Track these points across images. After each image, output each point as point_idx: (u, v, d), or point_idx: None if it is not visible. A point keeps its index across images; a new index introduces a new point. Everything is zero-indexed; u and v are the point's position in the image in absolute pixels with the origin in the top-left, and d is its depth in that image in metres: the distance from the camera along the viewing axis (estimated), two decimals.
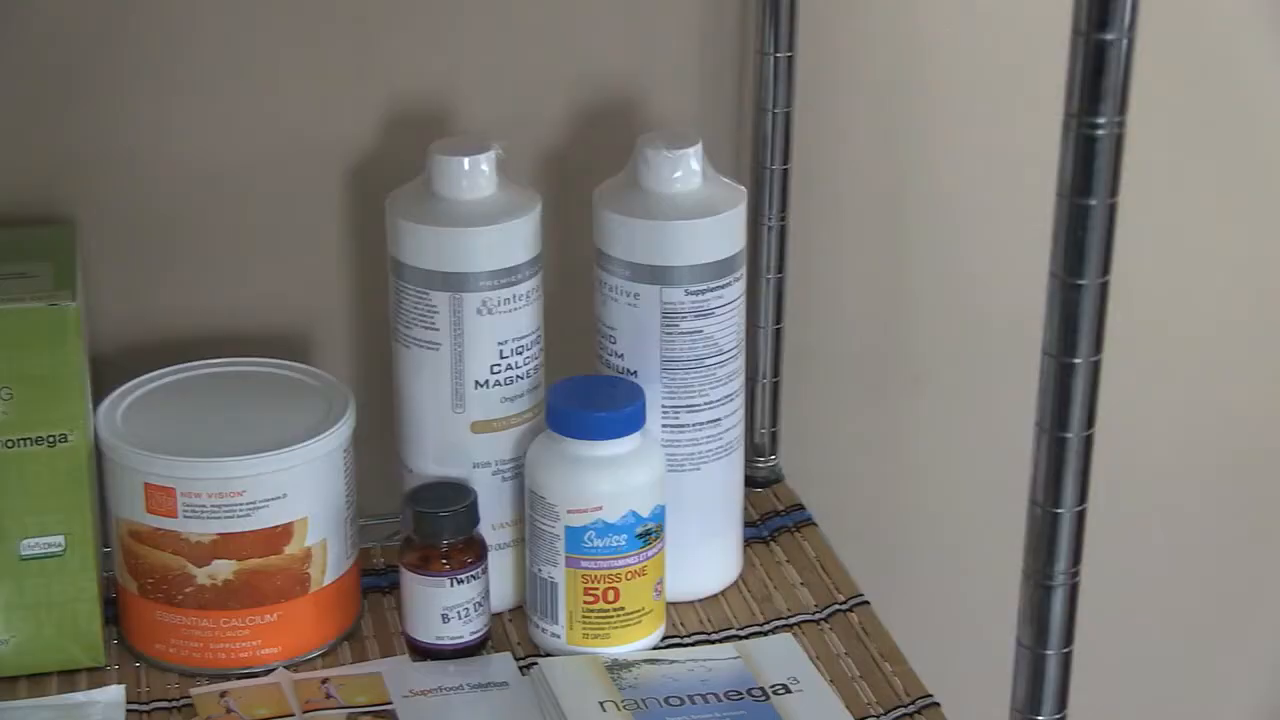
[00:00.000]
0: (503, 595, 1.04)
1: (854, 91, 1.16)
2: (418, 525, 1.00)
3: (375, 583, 1.07)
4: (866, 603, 1.07)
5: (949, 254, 1.22)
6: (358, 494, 1.02)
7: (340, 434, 1.00)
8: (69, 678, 0.99)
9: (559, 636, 1.01)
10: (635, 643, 1.01)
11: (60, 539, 0.97)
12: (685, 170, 1.01)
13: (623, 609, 1.00)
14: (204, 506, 0.97)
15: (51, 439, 0.96)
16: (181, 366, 1.05)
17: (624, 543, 0.99)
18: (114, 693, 0.98)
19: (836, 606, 1.06)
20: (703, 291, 1.01)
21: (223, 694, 0.98)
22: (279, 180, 1.09)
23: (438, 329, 1.00)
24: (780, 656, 1.01)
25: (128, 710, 0.97)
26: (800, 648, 1.02)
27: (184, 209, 1.09)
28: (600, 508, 0.98)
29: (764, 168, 1.12)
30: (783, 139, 1.12)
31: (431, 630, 1.00)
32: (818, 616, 1.06)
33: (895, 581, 1.24)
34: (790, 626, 1.05)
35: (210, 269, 1.10)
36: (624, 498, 0.99)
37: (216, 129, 1.08)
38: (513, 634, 1.04)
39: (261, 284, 1.11)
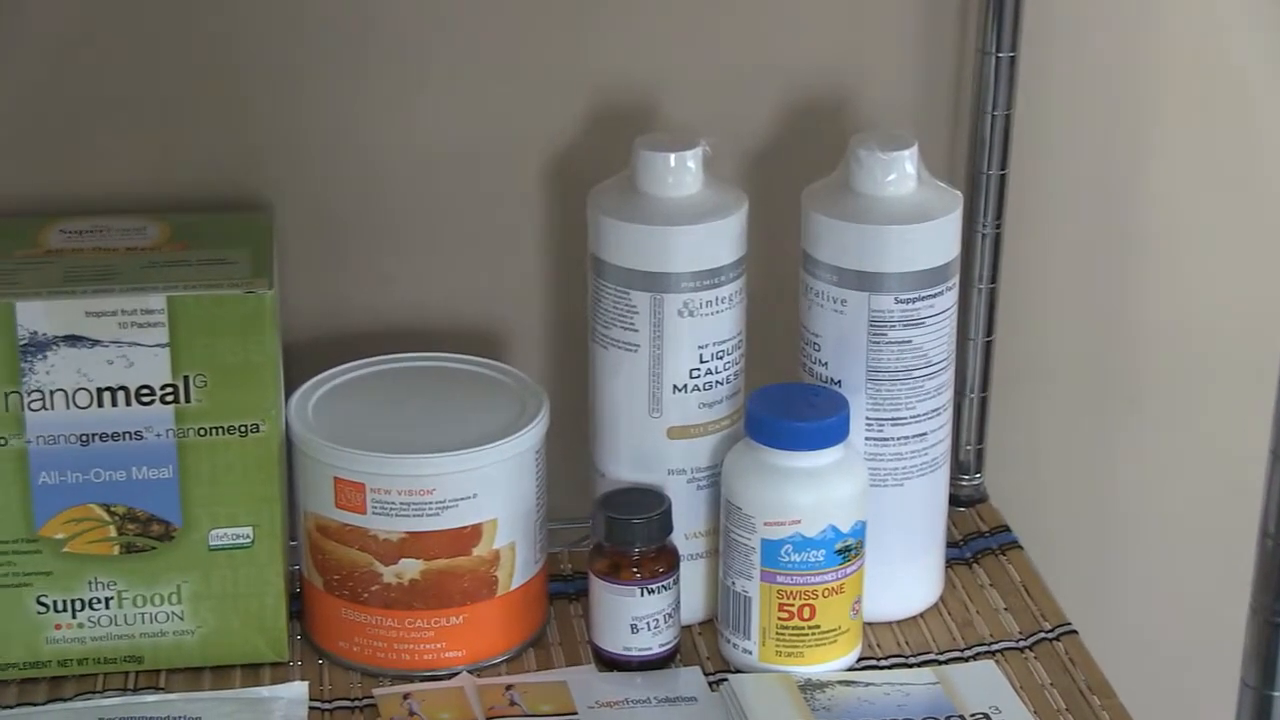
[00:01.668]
0: (693, 607, 1.02)
1: (1078, 95, 1.12)
2: (609, 531, 0.97)
3: (562, 589, 1.05)
4: (1074, 632, 1.02)
5: (1173, 269, 1.17)
6: (547, 496, 1.00)
7: (533, 434, 0.98)
8: (252, 671, 0.98)
9: (751, 653, 0.98)
10: (830, 663, 0.98)
11: (249, 531, 0.96)
12: (899, 173, 0.98)
13: (818, 627, 0.97)
14: (393, 504, 0.95)
15: (243, 429, 0.95)
16: (374, 360, 1.04)
17: (822, 558, 0.96)
18: (297, 689, 0.96)
19: (1042, 634, 1.02)
20: (913, 300, 0.98)
21: (406, 696, 0.96)
22: (478, 173, 1.08)
23: (637, 330, 0.98)
24: (982, 684, 0.97)
25: (310, 708, 0.95)
26: (1003, 676, 0.98)
27: (381, 199, 1.08)
28: (799, 521, 0.95)
29: (980, 172, 1.08)
30: (1001, 143, 1.08)
31: (619, 640, 0.98)
32: (1022, 644, 1.01)
33: (1105, 611, 1.20)
34: (993, 653, 1.00)
35: (405, 261, 1.09)
36: (824, 512, 0.95)
37: (417, 120, 1.06)
38: (702, 648, 1.01)
39: (457, 278, 1.10)
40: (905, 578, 1.03)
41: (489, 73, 1.06)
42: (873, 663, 1.00)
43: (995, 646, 1.01)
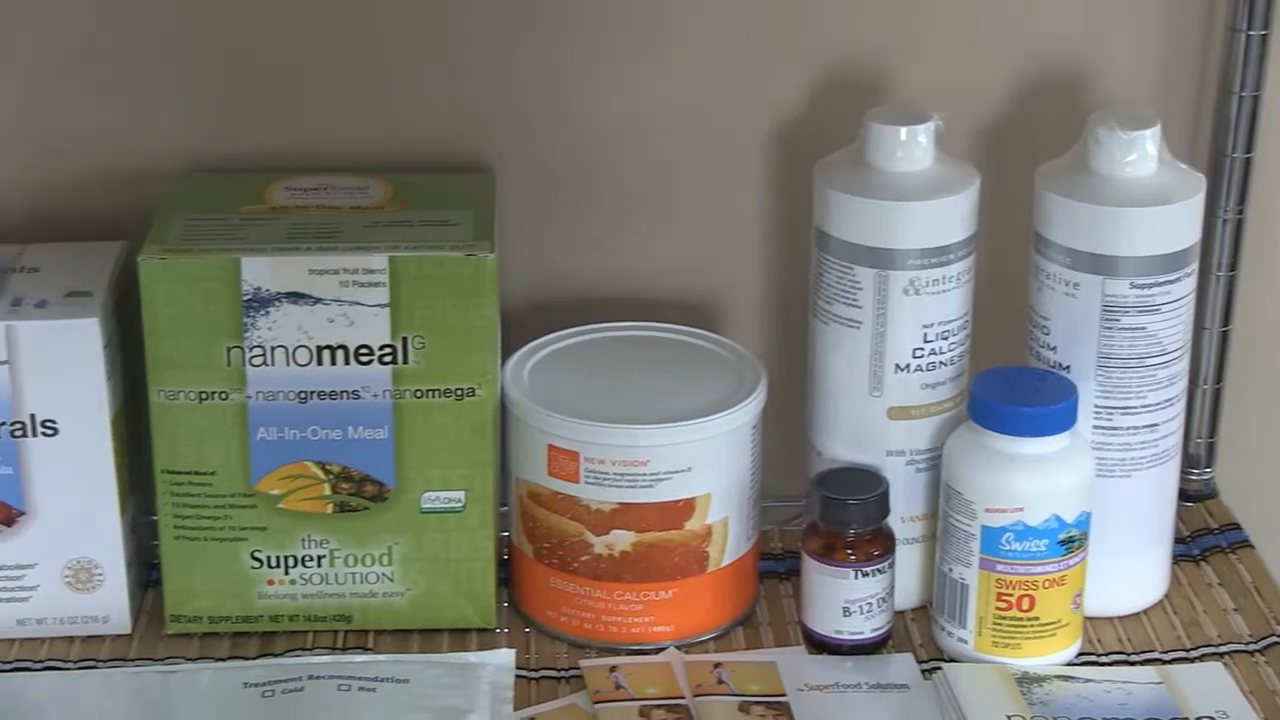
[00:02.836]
0: (907, 593, 0.99)
1: None
2: (825, 511, 0.95)
3: (772, 568, 1.03)
4: None
5: None
6: (761, 472, 0.98)
7: (751, 409, 0.96)
8: (459, 636, 0.98)
9: (966, 642, 0.95)
10: (1048, 656, 0.95)
11: (461, 495, 0.96)
12: (1140, 153, 0.94)
13: (1037, 619, 0.94)
14: (607, 474, 0.94)
15: (460, 392, 0.94)
16: (590, 327, 1.03)
17: (1044, 548, 0.93)
18: (504, 657, 0.96)
19: (1274, 638, 0.98)
20: (1149, 286, 0.94)
21: (613, 669, 0.95)
22: (701, 141, 1.06)
23: (860, 306, 0.95)
24: (1208, 687, 0.93)
25: (516, 675, 0.95)
26: (1231, 679, 0.94)
27: (603, 166, 1.07)
28: (1021, 509, 0.92)
29: (1223, 155, 1.04)
30: (1247, 125, 1.03)
31: (831, 623, 0.96)
32: (1252, 647, 0.97)
33: None
34: (1220, 655, 0.97)
35: (624, 229, 1.08)
36: (1048, 500, 0.92)
37: (640, 87, 1.05)
38: (915, 635, 0.99)
39: (676, 247, 1.08)
40: (1130, 572, 0.99)
41: (716, 40, 1.04)
42: (1093, 658, 0.97)
43: (1223, 648, 0.97)
